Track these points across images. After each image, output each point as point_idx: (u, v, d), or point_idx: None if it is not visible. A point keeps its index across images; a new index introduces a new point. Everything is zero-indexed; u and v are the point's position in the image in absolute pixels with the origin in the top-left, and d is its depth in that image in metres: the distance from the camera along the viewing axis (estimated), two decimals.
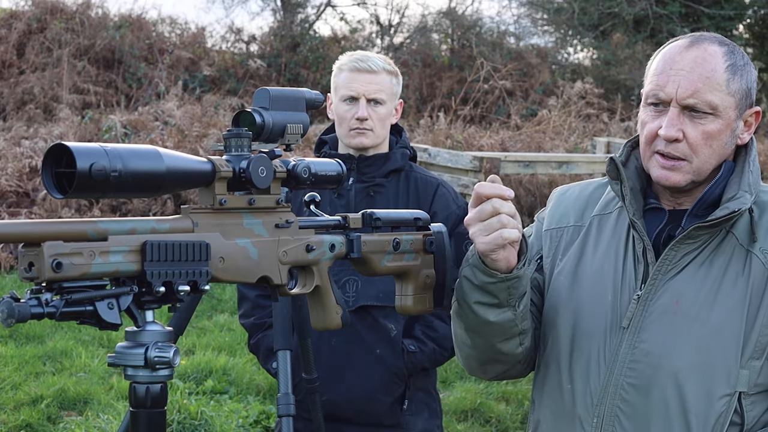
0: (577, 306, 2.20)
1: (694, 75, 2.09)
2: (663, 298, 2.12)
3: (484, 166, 9.30)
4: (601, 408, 2.13)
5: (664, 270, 2.13)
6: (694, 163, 2.11)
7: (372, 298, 3.20)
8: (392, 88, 3.34)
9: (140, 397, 1.71)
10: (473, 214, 2.01)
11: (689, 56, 2.11)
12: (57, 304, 1.59)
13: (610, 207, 2.27)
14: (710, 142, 2.11)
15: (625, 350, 2.12)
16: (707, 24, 18.67)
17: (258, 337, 3.33)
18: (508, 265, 2.03)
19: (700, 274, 2.11)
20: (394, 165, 3.33)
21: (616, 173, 2.19)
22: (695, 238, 2.12)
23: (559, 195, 2.38)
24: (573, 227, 2.29)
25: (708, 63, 2.10)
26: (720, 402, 2.07)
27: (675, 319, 2.10)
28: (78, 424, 5.54)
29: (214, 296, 8.54)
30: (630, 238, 2.20)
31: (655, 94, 2.12)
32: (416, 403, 3.30)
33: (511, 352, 2.19)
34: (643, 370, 2.10)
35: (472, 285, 2.06)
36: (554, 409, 2.22)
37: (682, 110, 2.10)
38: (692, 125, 2.09)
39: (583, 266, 2.23)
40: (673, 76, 2.10)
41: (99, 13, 15.94)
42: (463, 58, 17.62)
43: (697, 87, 2.08)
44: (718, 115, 2.10)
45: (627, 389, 2.11)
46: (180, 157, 1.74)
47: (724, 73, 2.10)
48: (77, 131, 11.68)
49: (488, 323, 2.10)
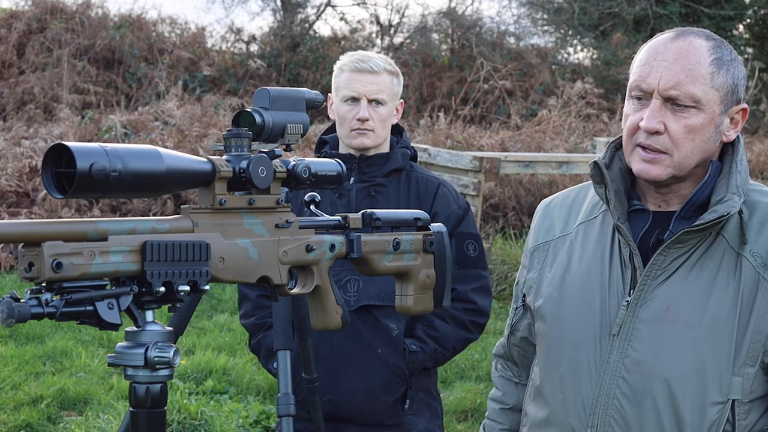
0: (565, 315, 2.17)
1: (677, 66, 2.05)
2: (653, 304, 2.08)
3: (484, 166, 9.30)
4: (594, 418, 2.10)
5: (653, 275, 2.09)
6: (675, 157, 2.07)
7: (373, 298, 3.20)
8: (393, 89, 3.34)
9: (140, 397, 1.71)
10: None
11: (673, 48, 2.07)
12: (57, 304, 1.59)
13: (595, 211, 2.24)
14: (692, 136, 2.06)
15: (616, 358, 2.09)
16: (707, 24, 18.66)
17: (259, 337, 3.33)
18: None
19: (690, 278, 2.08)
20: (394, 165, 3.33)
21: (600, 177, 2.16)
22: (684, 243, 2.08)
23: (543, 208, 2.36)
24: (560, 238, 2.27)
25: (692, 55, 2.06)
26: (713, 409, 2.04)
27: (666, 326, 2.07)
28: (78, 424, 5.54)
29: (214, 296, 8.54)
30: (616, 241, 2.16)
31: (638, 86, 2.09)
32: (417, 402, 3.30)
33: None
34: (636, 379, 2.07)
35: None
36: (547, 420, 2.19)
37: (664, 102, 2.06)
38: (674, 118, 2.06)
39: (570, 274, 2.20)
40: (656, 67, 2.06)
41: (99, 13, 15.94)
42: (463, 58, 17.61)
43: (679, 78, 2.04)
44: (701, 108, 2.06)
45: (620, 398, 2.08)
46: (180, 157, 1.74)
47: (708, 66, 2.06)
48: (77, 131, 11.67)
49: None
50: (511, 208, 11.17)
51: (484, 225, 10.75)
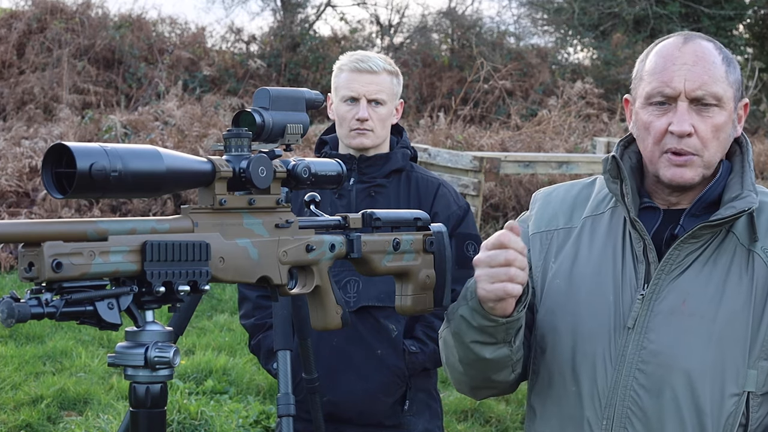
0: (576, 308, 2.18)
1: (698, 68, 2.10)
2: (669, 297, 2.11)
3: (484, 166, 9.30)
4: (610, 409, 2.12)
5: (667, 269, 2.12)
6: (704, 157, 2.11)
7: (373, 299, 3.20)
8: (393, 89, 3.33)
9: (140, 397, 1.71)
10: (484, 256, 2.00)
11: (688, 50, 2.12)
12: (57, 304, 1.59)
13: (602, 207, 2.26)
14: (718, 134, 2.12)
15: (632, 351, 2.11)
16: (707, 24, 18.67)
17: (259, 337, 3.33)
18: (504, 312, 2.03)
19: (704, 273, 2.11)
20: (395, 165, 3.32)
21: (616, 171, 2.18)
22: (698, 238, 2.11)
23: (544, 197, 2.36)
24: (563, 230, 2.27)
25: (708, 56, 2.12)
26: (731, 401, 2.06)
27: (683, 319, 2.09)
28: (78, 424, 5.54)
29: (214, 296, 8.54)
30: (627, 237, 2.18)
31: (661, 91, 2.11)
32: (417, 403, 3.29)
33: (505, 380, 2.20)
34: (654, 370, 2.09)
35: (468, 325, 2.06)
36: (559, 413, 2.20)
37: (690, 104, 2.10)
38: (700, 119, 2.10)
39: (579, 268, 2.21)
40: (678, 71, 2.10)
41: (99, 13, 15.94)
42: (463, 58, 17.61)
43: (703, 79, 2.09)
44: (722, 106, 2.11)
45: (637, 390, 2.10)
46: (180, 157, 1.74)
47: (721, 65, 2.12)
48: (77, 131, 11.67)
49: (483, 360, 2.11)
50: (511, 208, 11.17)
51: (484, 225, 10.75)
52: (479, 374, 2.18)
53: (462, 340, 2.10)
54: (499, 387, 2.24)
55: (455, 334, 2.12)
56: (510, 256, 1.97)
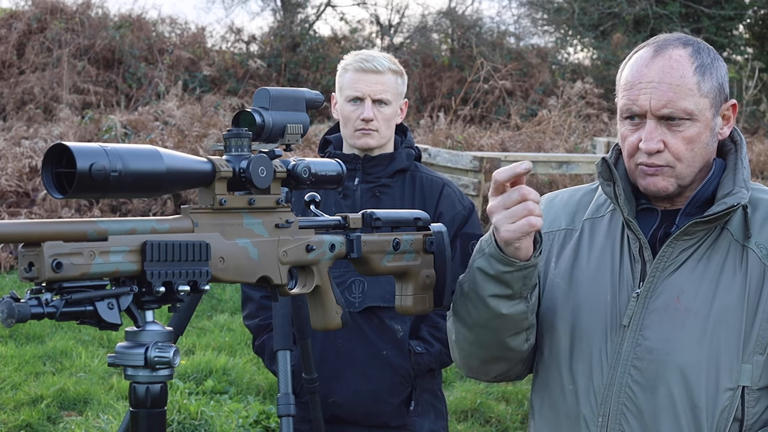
0: (575, 307, 2.20)
1: (664, 85, 2.09)
2: (663, 294, 2.12)
3: (484, 166, 9.30)
4: (605, 407, 2.13)
5: (661, 267, 2.13)
6: (677, 168, 2.12)
7: (378, 299, 3.19)
8: (397, 88, 3.32)
9: (140, 397, 1.71)
10: (497, 201, 1.99)
11: (656, 67, 2.10)
12: (57, 304, 1.59)
13: (602, 210, 2.28)
14: (692, 146, 2.11)
15: (627, 348, 2.12)
16: (707, 24, 18.67)
17: (263, 338, 3.32)
18: (527, 253, 2.03)
19: (698, 269, 2.12)
20: (399, 165, 3.32)
21: (608, 174, 2.20)
22: (692, 235, 2.12)
23: (547, 201, 2.38)
24: (565, 230, 2.29)
25: (675, 70, 2.10)
26: (725, 395, 2.08)
27: (677, 315, 2.11)
28: (78, 424, 5.54)
29: (214, 296, 8.54)
30: (625, 238, 2.20)
31: (629, 109, 2.12)
32: (423, 404, 3.29)
33: (518, 348, 2.19)
34: (648, 367, 2.11)
35: (486, 276, 2.05)
36: (557, 410, 2.22)
37: (659, 121, 2.10)
38: (671, 134, 2.10)
39: (579, 268, 2.23)
40: (644, 89, 2.10)
41: (99, 13, 15.95)
42: (463, 58, 17.62)
43: (669, 97, 2.08)
44: (695, 119, 2.10)
45: (632, 386, 2.11)
46: (180, 157, 1.74)
47: (693, 77, 2.10)
48: (77, 131, 11.67)
49: (501, 316, 2.10)
50: None
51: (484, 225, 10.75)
52: (494, 338, 2.16)
53: (479, 296, 2.08)
54: (512, 359, 2.22)
55: (471, 292, 2.10)
56: (523, 191, 1.97)
